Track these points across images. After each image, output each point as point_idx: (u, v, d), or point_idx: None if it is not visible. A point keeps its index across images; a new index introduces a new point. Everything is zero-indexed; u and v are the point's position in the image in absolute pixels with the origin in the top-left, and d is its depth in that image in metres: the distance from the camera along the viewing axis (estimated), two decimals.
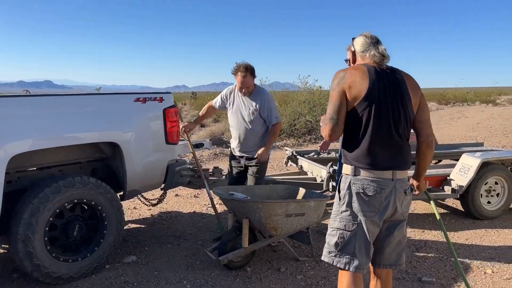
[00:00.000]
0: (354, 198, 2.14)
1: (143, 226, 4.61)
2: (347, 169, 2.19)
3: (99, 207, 3.32)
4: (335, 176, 4.82)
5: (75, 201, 3.19)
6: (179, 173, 4.00)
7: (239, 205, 3.33)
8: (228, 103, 4.09)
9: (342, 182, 2.22)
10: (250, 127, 3.88)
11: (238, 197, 3.48)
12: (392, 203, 2.15)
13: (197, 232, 4.37)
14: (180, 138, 4.16)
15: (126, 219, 4.84)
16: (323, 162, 5.79)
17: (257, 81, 4.08)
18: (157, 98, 3.77)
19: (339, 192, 2.23)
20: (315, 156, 6.25)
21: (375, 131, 2.10)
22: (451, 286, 3.21)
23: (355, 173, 2.14)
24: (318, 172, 5.35)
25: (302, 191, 3.88)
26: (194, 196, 5.89)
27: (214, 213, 3.89)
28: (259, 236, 3.68)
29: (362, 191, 2.12)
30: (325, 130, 2.17)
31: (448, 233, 4.02)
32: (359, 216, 2.13)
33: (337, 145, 12.86)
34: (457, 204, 5.44)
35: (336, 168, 4.94)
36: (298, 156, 6.05)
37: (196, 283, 3.19)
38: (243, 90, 3.86)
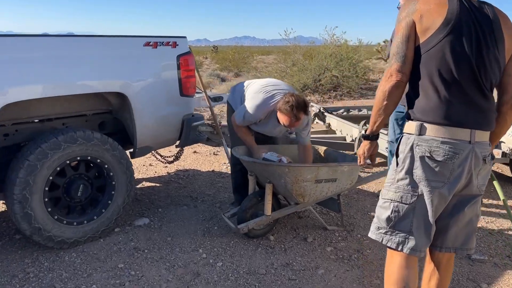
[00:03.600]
0: (417, 163, 1.67)
1: (158, 184, 4.29)
2: (410, 126, 1.72)
3: (106, 166, 2.96)
4: None
5: (78, 158, 2.84)
6: (196, 129, 3.58)
7: (261, 168, 2.91)
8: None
9: (402, 143, 1.75)
10: None
11: (260, 160, 3.07)
12: (467, 172, 1.67)
13: (216, 193, 4.03)
14: (197, 91, 3.72)
15: (140, 176, 4.54)
16: (353, 120, 5.29)
17: (278, 36, 3.51)
18: (170, 43, 3.30)
19: (397, 156, 1.77)
20: (345, 113, 5.74)
21: (451, 76, 1.60)
22: (506, 266, 2.78)
23: (421, 132, 1.67)
24: (349, 131, 4.88)
25: (322, 149, 3.47)
26: (213, 154, 5.53)
27: (230, 171, 3.52)
28: (283, 201, 3.29)
29: (428, 154, 1.65)
30: (387, 73, 1.69)
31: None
32: (420, 187, 1.68)
33: (368, 102, 12.19)
34: (503, 169, 4.91)
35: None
36: (326, 113, 5.55)
37: (213, 252, 2.86)
38: (288, 128, 3.11)
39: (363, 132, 1.57)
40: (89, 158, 2.88)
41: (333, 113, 5.60)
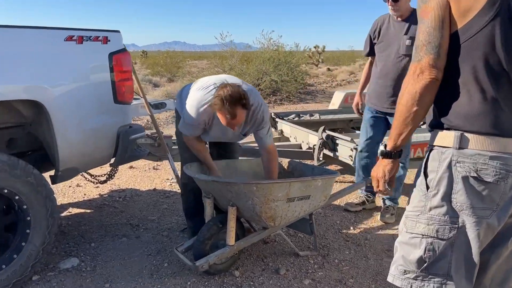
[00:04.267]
0: (459, 186, 1.25)
1: (88, 211, 3.56)
2: (444, 137, 1.29)
3: (17, 197, 2.25)
4: (329, 143, 3.98)
5: None
6: (134, 143, 2.95)
7: (222, 188, 2.37)
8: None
9: (433, 160, 1.32)
10: None
11: (221, 178, 2.53)
12: None
13: (161, 218, 3.40)
14: (134, 96, 3.09)
15: (66, 201, 3.77)
16: (307, 125, 4.93)
17: (209, 41, 2.98)
18: (100, 38, 2.65)
19: (425, 175, 1.33)
20: (296, 118, 5.37)
21: (502, 71, 1.21)
22: None
23: (461, 144, 1.25)
24: (305, 138, 4.49)
25: (286, 162, 3.03)
26: (153, 168, 4.86)
27: (180, 192, 2.94)
28: (245, 224, 2.78)
29: (474, 174, 1.24)
30: (415, 69, 1.26)
31: None
32: (462, 216, 1.26)
33: (308, 106, 12.00)
34: None
35: (331, 133, 4.09)
36: (277, 119, 5.13)
37: None
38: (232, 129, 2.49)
39: (382, 148, 1.25)
40: None
41: (284, 118, 5.20)
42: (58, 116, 2.41)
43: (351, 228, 3.27)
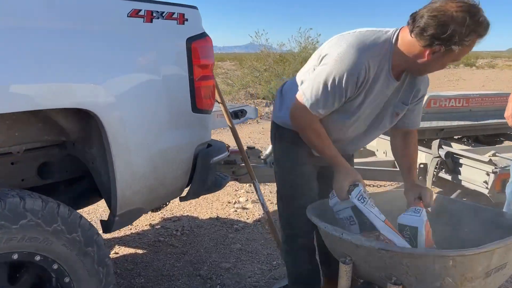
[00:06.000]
0: None
1: (140, 251, 2.71)
2: None
3: (55, 266, 1.39)
4: (449, 162, 3.02)
5: None
6: (216, 168, 2.08)
7: (387, 258, 1.45)
8: None
9: None
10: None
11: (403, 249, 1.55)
12: None
13: (238, 265, 2.51)
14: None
15: (109, 235, 2.93)
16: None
17: (234, 41, 2.04)
18: (175, 16, 1.79)
19: None
20: None
21: None
22: None
23: None
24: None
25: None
26: None
27: (282, 248, 2.01)
28: None
29: None
30: None
31: None
32: None
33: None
34: None
35: (452, 150, 3.15)
36: None
37: None
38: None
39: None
40: (14, 258, 1.30)
41: None
42: (119, 132, 1.55)
43: None
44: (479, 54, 54.51)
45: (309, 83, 1.58)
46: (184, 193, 2.01)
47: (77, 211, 1.51)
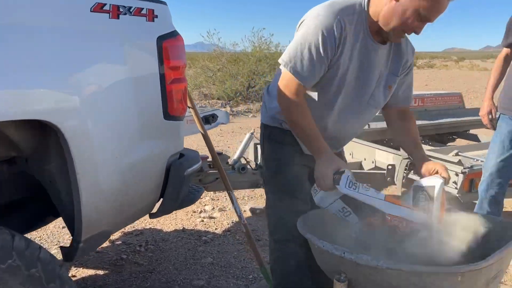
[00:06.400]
0: None
1: (101, 272, 2.46)
2: None
3: None
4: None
5: None
6: (190, 180, 1.89)
7: (389, 276, 1.35)
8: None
9: None
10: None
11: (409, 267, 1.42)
12: None
13: (211, 281, 2.34)
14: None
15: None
16: (360, 136, 3.96)
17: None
18: (143, 12, 1.59)
19: None
20: None
21: None
22: None
23: None
24: (369, 155, 3.54)
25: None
26: None
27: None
28: None
29: None
30: None
31: None
32: None
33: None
34: None
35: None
36: None
37: None
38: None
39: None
40: None
41: None
42: (83, 145, 1.33)
43: None
44: (418, 55, 57.94)
45: (288, 49, 1.50)
46: (154, 209, 1.82)
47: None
